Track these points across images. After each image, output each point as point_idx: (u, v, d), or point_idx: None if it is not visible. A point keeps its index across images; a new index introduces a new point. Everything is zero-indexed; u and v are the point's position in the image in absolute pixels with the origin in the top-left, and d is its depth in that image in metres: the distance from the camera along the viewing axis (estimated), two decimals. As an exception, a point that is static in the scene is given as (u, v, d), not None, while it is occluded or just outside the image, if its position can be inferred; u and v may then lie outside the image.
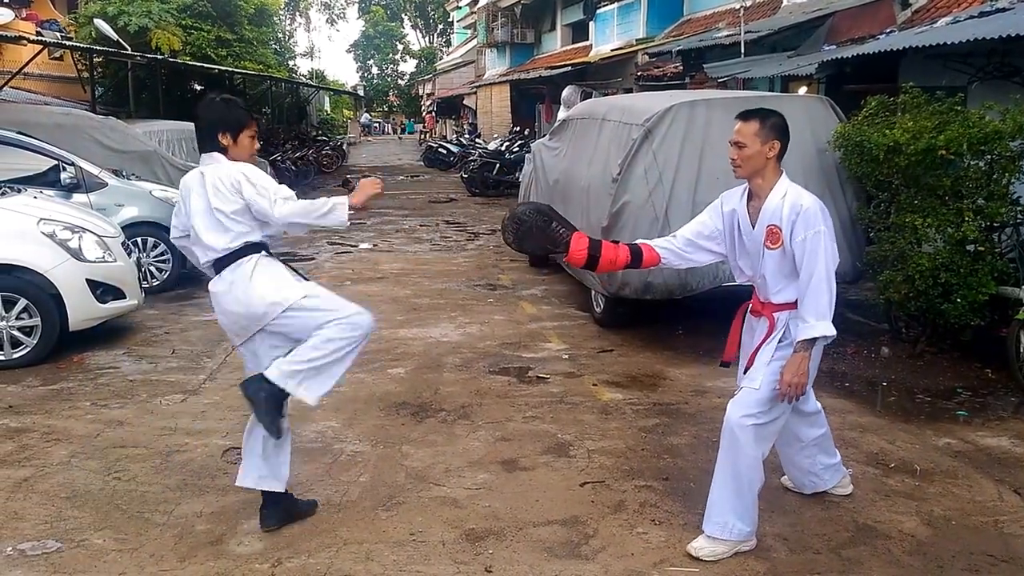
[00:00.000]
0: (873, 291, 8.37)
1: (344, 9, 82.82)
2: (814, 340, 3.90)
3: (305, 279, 4.38)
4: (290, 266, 4.40)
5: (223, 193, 4.07)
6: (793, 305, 4.01)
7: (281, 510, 4.41)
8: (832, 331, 3.87)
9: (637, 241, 4.43)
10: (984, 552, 4.17)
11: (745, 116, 4.03)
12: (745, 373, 4.20)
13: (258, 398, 4.12)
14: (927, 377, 6.95)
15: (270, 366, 4.15)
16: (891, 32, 12.04)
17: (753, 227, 4.07)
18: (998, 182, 6.78)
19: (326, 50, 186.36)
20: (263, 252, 4.22)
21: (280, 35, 41.94)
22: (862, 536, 4.33)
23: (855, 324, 8.46)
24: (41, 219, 7.32)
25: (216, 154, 4.16)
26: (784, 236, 3.92)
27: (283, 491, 4.42)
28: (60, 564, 4.01)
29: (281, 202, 4.03)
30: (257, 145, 4.30)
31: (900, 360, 7.39)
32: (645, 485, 4.91)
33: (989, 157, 6.76)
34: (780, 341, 4.06)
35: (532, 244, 4.40)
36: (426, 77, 66.67)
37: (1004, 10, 9.96)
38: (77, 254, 7.33)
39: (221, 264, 4.18)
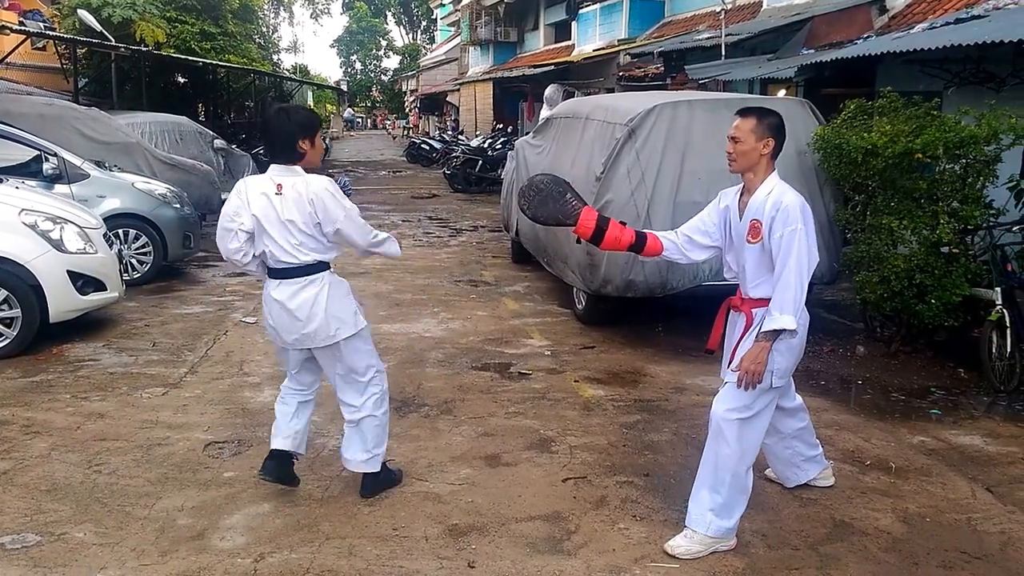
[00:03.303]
0: (849, 291, 8.47)
1: (328, 4, 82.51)
2: (777, 332, 3.96)
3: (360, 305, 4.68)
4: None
5: (303, 207, 4.21)
6: (769, 302, 4.07)
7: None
8: (793, 326, 3.90)
9: (645, 230, 4.52)
10: (958, 549, 4.25)
11: (744, 112, 4.08)
12: (727, 368, 4.26)
13: (376, 491, 4.72)
14: (901, 376, 7.05)
15: (354, 461, 4.69)
16: (869, 37, 12.15)
17: (740, 220, 4.13)
18: (972, 186, 6.88)
19: (310, 45, 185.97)
20: (330, 270, 4.43)
21: (264, 29, 41.69)
22: (839, 532, 4.40)
23: (831, 323, 8.56)
24: (23, 209, 7.27)
25: (294, 167, 4.27)
26: (764, 231, 3.97)
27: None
28: (40, 558, 4.00)
29: (369, 229, 4.45)
30: (324, 145, 4.43)
31: (875, 359, 7.49)
32: (626, 481, 4.96)
33: (964, 161, 6.87)
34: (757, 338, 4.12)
35: (545, 212, 4.52)
36: (409, 74, 66.51)
37: (980, 17, 10.08)
38: (58, 245, 7.29)
39: (286, 274, 4.34)
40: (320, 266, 4.36)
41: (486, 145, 25.04)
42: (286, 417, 4.69)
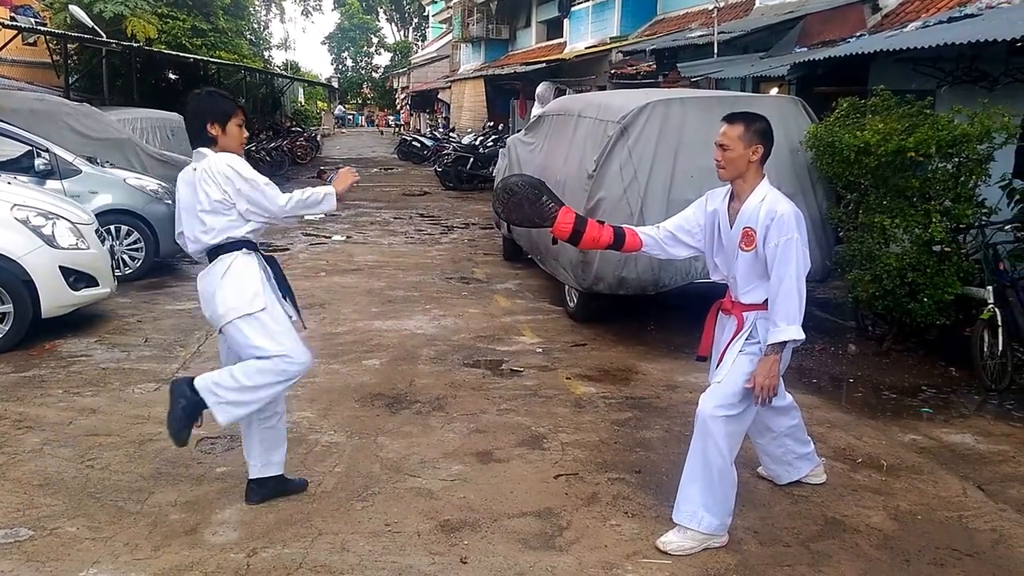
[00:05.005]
0: (841, 289, 8.50)
1: (319, 1, 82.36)
2: (784, 343, 3.97)
3: (285, 292, 4.47)
4: (279, 274, 4.49)
5: (210, 185, 4.13)
6: (761, 306, 4.08)
7: (269, 490, 4.58)
8: (801, 335, 3.94)
9: (623, 225, 4.51)
10: (949, 547, 4.26)
11: (731, 119, 4.07)
12: (716, 369, 4.28)
13: (177, 403, 4.27)
14: (893, 374, 7.07)
15: (198, 377, 4.29)
16: (862, 35, 12.17)
17: (731, 227, 4.13)
18: (965, 184, 6.90)
19: (301, 42, 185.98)
20: (243, 250, 4.29)
21: (255, 26, 41.65)
22: (831, 530, 4.41)
23: (823, 322, 8.59)
24: (14, 205, 7.26)
25: (203, 149, 4.23)
26: (758, 240, 3.99)
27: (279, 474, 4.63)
28: (32, 552, 4.00)
29: (279, 196, 4.19)
30: (246, 134, 4.38)
31: (867, 357, 7.51)
32: (618, 478, 4.97)
33: (957, 160, 6.88)
34: (748, 339, 4.13)
35: (520, 215, 4.45)
36: (401, 71, 66.52)
37: (973, 16, 10.11)
38: (50, 241, 7.29)
39: (209, 257, 4.30)
40: (229, 246, 4.26)
41: (477, 143, 25.00)
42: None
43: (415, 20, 78.02)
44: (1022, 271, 6.90)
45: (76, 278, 7.47)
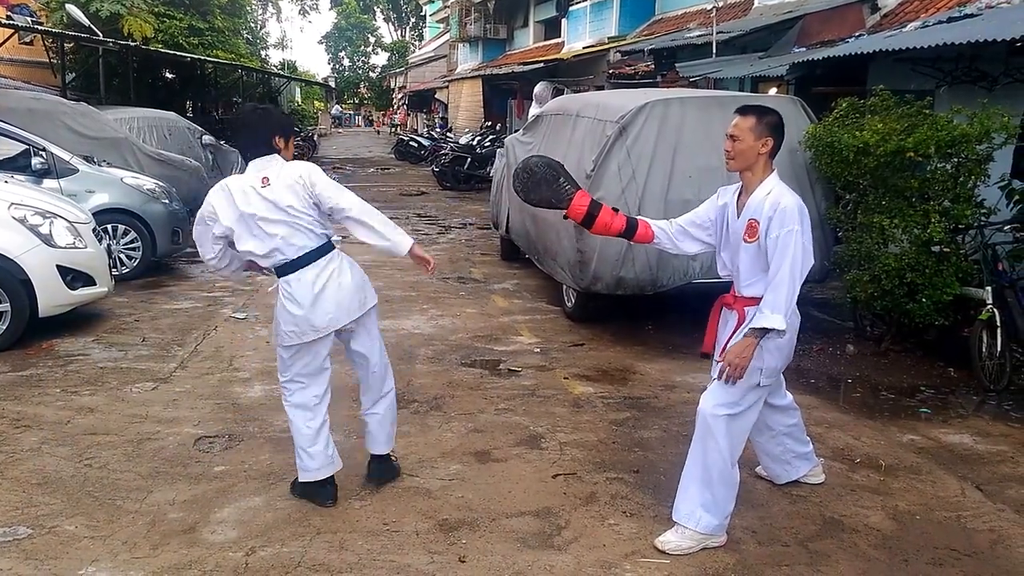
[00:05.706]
0: (840, 290, 8.49)
1: (316, 1, 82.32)
2: (765, 331, 3.95)
3: None
4: None
5: (296, 190, 4.23)
6: (761, 300, 4.08)
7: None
8: (782, 326, 3.89)
9: (638, 217, 4.54)
10: (948, 547, 4.26)
11: (743, 111, 4.09)
12: (715, 360, 4.27)
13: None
14: (891, 375, 7.07)
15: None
16: (860, 36, 12.18)
17: (738, 219, 4.14)
18: (964, 185, 6.90)
19: (298, 41, 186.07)
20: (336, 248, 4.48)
21: (252, 25, 41.63)
22: (829, 529, 4.41)
23: (821, 322, 8.58)
24: (12, 204, 7.24)
25: (274, 156, 4.30)
26: (760, 231, 3.99)
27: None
28: (31, 550, 3.99)
29: (349, 196, 4.40)
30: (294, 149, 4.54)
31: (865, 358, 7.51)
32: (616, 477, 4.97)
33: (956, 160, 6.87)
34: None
35: (537, 195, 4.53)
36: (398, 70, 66.54)
37: (972, 16, 10.12)
38: (48, 240, 7.27)
39: (306, 260, 4.32)
40: (331, 243, 4.43)
41: (475, 143, 24.95)
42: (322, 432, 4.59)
43: (412, 20, 78.03)
44: (1021, 271, 6.90)
45: (73, 277, 7.45)
